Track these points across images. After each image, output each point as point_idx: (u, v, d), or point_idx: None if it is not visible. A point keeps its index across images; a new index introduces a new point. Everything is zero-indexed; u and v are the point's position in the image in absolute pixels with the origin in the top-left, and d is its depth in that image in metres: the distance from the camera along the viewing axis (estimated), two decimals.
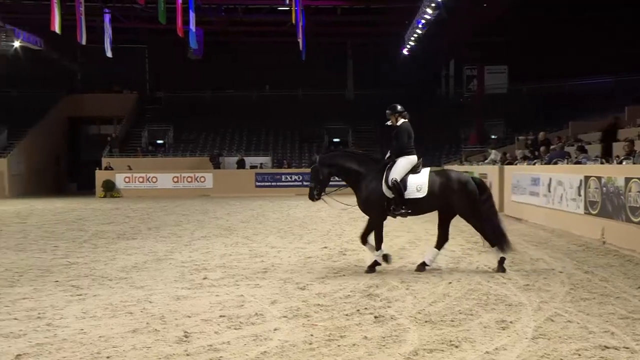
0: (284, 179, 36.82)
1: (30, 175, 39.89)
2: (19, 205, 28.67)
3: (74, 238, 15.24)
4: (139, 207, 26.91)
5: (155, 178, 36.46)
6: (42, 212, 24.50)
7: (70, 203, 30.22)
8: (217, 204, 28.48)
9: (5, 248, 13.43)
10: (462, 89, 46.66)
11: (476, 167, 26.55)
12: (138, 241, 14.54)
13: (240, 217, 20.96)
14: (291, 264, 10.99)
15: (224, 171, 37.83)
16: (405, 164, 9.99)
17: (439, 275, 9.69)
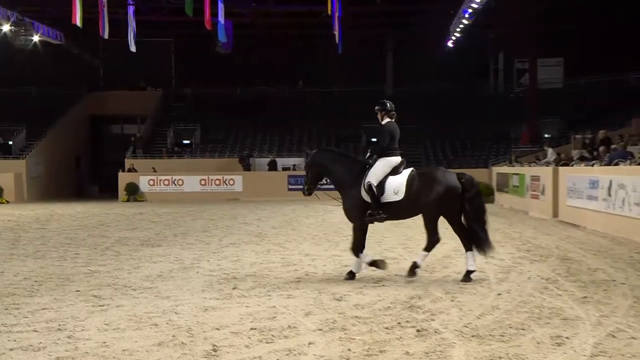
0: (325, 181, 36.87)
1: (50, 177, 40.55)
2: (38, 209, 29.20)
3: (96, 245, 15.46)
4: (164, 211, 27.20)
5: (181, 181, 36.81)
6: (62, 217, 24.90)
7: (92, 207, 30.68)
8: (247, 208, 28.64)
9: (24, 255, 13.67)
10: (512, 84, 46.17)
11: (527, 168, 26.26)
12: (163, 248, 14.69)
13: (271, 223, 21.03)
14: (326, 272, 10.99)
15: (255, 173, 38.03)
16: (384, 165, 10.19)
17: (487, 286, 9.60)
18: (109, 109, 46.81)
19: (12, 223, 22.00)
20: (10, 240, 16.50)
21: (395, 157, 10.28)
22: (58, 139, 41.92)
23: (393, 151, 10.27)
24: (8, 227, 20.55)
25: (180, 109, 46.62)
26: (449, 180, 9.93)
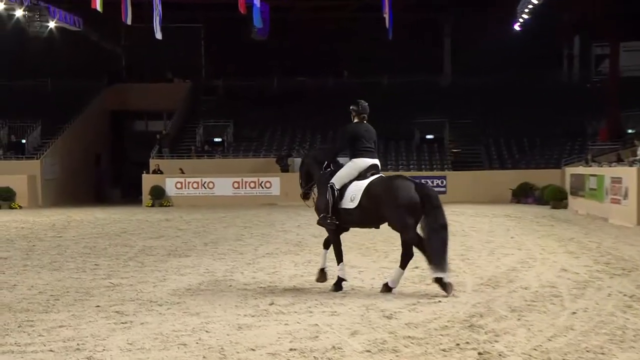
0: None
1: (67, 179, 41.16)
2: (54, 215, 29.69)
3: (118, 255, 15.67)
4: (192, 218, 27.44)
5: (212, 183, 37.13)
6: (80, 223, 25.27)
7: (113, 213, 31.09)
8: (286, 214, 28.76)
9: (39, 267, 13.90)
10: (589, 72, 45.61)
11: (607, 169, 25.83)
12: (192, 259, 14.82)
13: (313, 231, 21.06)
14: (375, 287, 10.97)
15: (294, 175, 37.90)
16: (351, 168, 10.73)
17: (560, 304, 9.48)
18: (132, 103, 47.37)
19: (25, 230, 22.42)
20: (23, 250, 16.81)
21: (363, 160, 10.75)
22: (76, 136, 42.52)
23: (362, 153, 10.74)
24: (21, 235, 20.94)
25: (210, 102, 47.02)
26: (403, 192, 10.18)
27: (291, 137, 43.49)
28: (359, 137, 10.78)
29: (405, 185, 10.30)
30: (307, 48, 47.12)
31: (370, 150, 10.82)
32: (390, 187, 10.31)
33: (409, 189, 10.24)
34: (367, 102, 11.27)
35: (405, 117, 41.95)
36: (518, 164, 38.43)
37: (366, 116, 11.08)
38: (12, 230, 22.69)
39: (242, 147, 42.34)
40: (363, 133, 10.83)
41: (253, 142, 42.71)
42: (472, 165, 38.74)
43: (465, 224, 22.57)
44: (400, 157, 40.75)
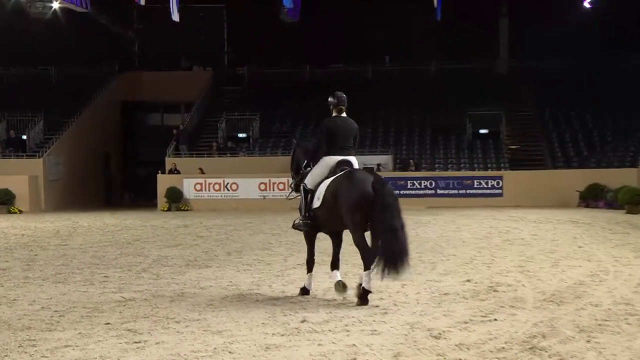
0: (410, 186, 36.80)
1: (73, 180, 41.59)
2: (59, 221, 29.98)
3: (130, 266, 15.81)
4: (214, 223, 27.55)
5: (235, 185, 37.26)
6: (87, 230, 25.54)
7: (125, 218, 31.33)
8: None
9: (42, 279, 14.05)
10: None
11: None
12: (214, 270, 14.90)
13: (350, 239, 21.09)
14: (421, 302, 10.94)
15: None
16: (322, 166, 11.47)
17: (636, 323, 9.37)
18: (146, 93, 47.72)
19: (26, 238, 22.69)
20: (24, 260, 17.00)
21: (332, 157, 11.42)
22: (83, 132, 42.93)
23: (334, 150, 11.42)
24: (22, 243, 21.19)
25: (234, 93, 47.24)
26: (355, 187, 10.70)
27: None
28: (334, 133, 11.46)
29: (361, 178, 10.78)
30: (343, 31, 47.07)
31: (344, 147, 11.46)
32: (346, 181, 10.87)
33: (363, 183, 10.70)
34: (344, 94, 11.96)
35: (455, 108, 41.79)
36: (586, 162, 38.01)
37: (344, 108, 11.76)
38: (11, 237, 22.96)
39: (269, 144, 42.41)
40: (338, 129, 11.50)
41: (282, 138, 42.73)
42: (532, 164, 38.45)
43: (525, 231, 22.43)
44: (449, 155, 40.60)
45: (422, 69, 46.45)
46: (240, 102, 45.64)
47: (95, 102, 44.66)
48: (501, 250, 17.45)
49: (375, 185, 10.69)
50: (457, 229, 23.63)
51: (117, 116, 48.15)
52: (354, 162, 11.54)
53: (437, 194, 36.34)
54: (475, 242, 19.46)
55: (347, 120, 11.72)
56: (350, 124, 11.71)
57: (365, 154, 40.09)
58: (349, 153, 11.53)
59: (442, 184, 36.52)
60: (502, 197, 35.08)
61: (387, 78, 46.98)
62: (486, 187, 35.93)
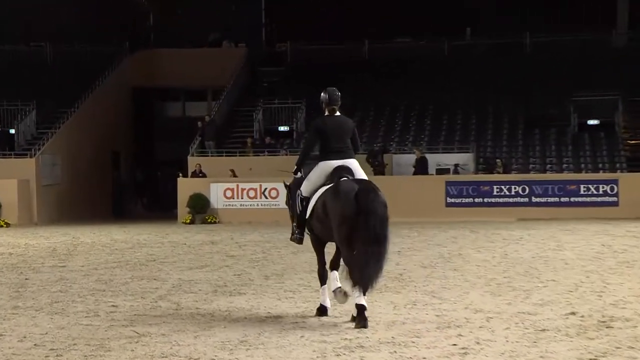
0: (497, 192, 36.57)
1: (73, 186, 41.99)
2: (55, 236, 30.25)
3: (144, 292, 15.87)
4: (248, 240, 27.62)
5: (275, 191, 37.20)
6: (91, 248, 25.70)
7: (137, 233, 31.54)
8: None
9: (34, 309, 14.12)
10: None
11: None
12: (248, 298, 14.91)
13: (419, 258, 21.03)
14: (511, 341, 10.85)
15: (390, 179, 38.04)
16: (318, 173, 12.71)
17: None
18: (164, 77, 48.00)
19: (15, 258, 22.89)
20: (12, 286, 17.11)
21: (328, 163, 12.64)
22: (85, 125, 43.33)
23: (329, 154, 12.65)
24: (9, 264, 21.39)
25: (274, 76, 47.33)
26: (341, 196, 11.90)
27: (388, 124, 43.45)
28: (326, 134, 12.69)
29: (345, 190, 11.94)
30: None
31: (339, 149, 12.70)
32: (331, 194, 12.08)
33: (347, 195, 11.84)
34: (339, 91, 13.15)
35: (557, 93, 41.44)
36: None
37: (337, 107, 12.97)
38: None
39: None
40: (331, 129, 12.71)
41: None
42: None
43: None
44: (549, 152, 40.26)
45: (515, 42, 46.02)
46: (281, 86, 45.76)
47: (100, 89, 45.03)
48: (616, 274, 17.24)
49: (358, 194, 11.80)
50: (558, 247, 23.45)
51: (127, 106, 48.49)
52: (354, 167, 12.74)
53: (531, 202, 36.08)
54: (582, 264, 19.27)
55: (340, 119, 12.96)
56: (343, 122, 12.95)
57: (439, 151, 40.02)
58: (346, 155, 12.74)
59: (538, 190, 36.18)
60: (617, 207, 34.54)
61: (467, 55, 46.74)
62: (596, 193, 35.43)
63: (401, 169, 39.13)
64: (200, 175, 38.79)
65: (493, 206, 36.10)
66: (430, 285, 16.13)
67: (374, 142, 40.98)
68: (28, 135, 41.84)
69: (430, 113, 43.50)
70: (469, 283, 16.49)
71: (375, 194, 12.11)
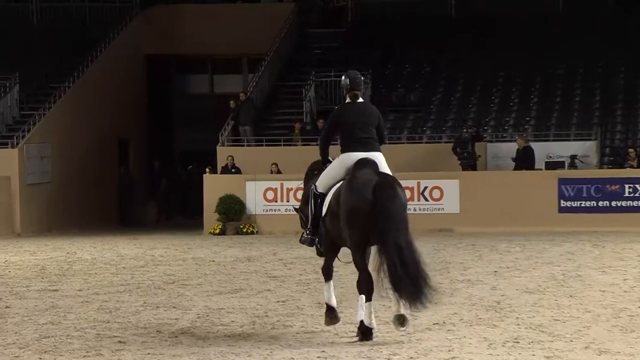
0: (629, 193, 36.26)
1: (67, 184, 42.26)
2: (44, 251, 30.53)
3: (160, 324, 16.00)
4: (296, 255, 27.59)
5: None
6: (91, 266, 25.94)
7: (151, 247, 31.78)
8: (470, 248, 29.09)
9: (18, 346, 14.24)
10: None
11: None
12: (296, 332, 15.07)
13: (523, 281, 21.04)
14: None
15: (486, 175, 38.02)
16: (337, 166, 13.98)
17: None
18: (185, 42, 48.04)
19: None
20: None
21: (350, 155, 13.84)
22: (83, 105, 43.52)
23: (351, 145, 13.87)
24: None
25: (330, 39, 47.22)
26: (353, 191, 13.23)
27: (481, 102, 43.21)
28: (348, 123, 13.93)
29: (362, 182, 13.22)
30: None
31: (364, 140, 13.90)
32: (346, 186, 13.35)
33: (363, 188, 13.13)
34: (359, 74, 14.07)
35: None
36: None
37: (359, 93, 14.23)
38: None
39: (387, 124, 42.27)
40: (353, 117, 13.93)
41: (410, 114, 42.66)
42: None
43: None
44: None
45: None
46: (339, 54, 45.69)
47: (103, 57, 45.10)
48: None
49: (376, 189, 13.02)
50: None
51: (139, 80, 48.59)
52: (380, 160, 13.86)
53: None
54: None
55: (365, 106, 14.31)
56: (368, 109, 14.22)
57: (550, 138, 39.67)
58: (371, 148, 13.90)
59: None
60: None
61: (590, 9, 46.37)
62: None
63: (499, 161, 38.88)
64: (233, 171, 38.77)
65: (624, 211, 35.76)
66: (538, 317, 16.12)
67: (463, 126, 40.72)
68: (8, 118, 41.96)
69: (538, 88, 43.16)
70: (590, 314, 16.46)
71: (394, 191, 13.21)
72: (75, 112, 42.78)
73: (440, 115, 42.62)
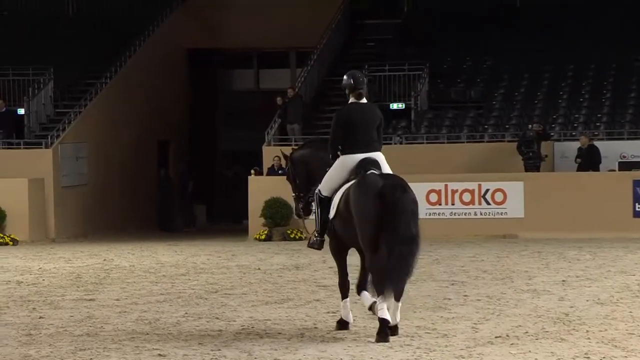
0: None
1: (103, 187, 42.47)
2: (80, 258, 30.70)
3: (202, 336, 16.02)
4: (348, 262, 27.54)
5: None
6: (129, 274, 26.05)
7: (193, 253, 31.87)
8: (536, 256, 28.94)
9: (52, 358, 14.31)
10: None
11: None
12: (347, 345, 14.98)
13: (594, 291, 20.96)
14: None
15: (553, 176, 37.90)
16: (339, 168, 15.28)
17: None
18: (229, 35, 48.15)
19: (25, 289, 23.25)
20: (22, 327, 17.35)
21: (352, 156, 15.14)
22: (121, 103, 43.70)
23: (353, 146, 15.15)
24: (18, 297, 21.73)
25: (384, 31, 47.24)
26: (362, 193, 14.55)
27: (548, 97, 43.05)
28: (350, 124, 15.19)
29: (371, 183, 14.54)
30: None
31: (365, 141, 15.19)
32: (356, 188, 14.61)
33: (372, 189, 14.40)
34: (360, 72, 15.36)
35: None
36: None
37: (363, 92, 15.49)
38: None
39: (445, 121, 42.28)
40: (356, 119, 15.21)
41: (470, 110, 42.58)
42: None
43: None
44: None
45: None
46: (394, 46, 45.69)
47: (142, 52, 45.30)
48: None
49: (384, 190, 14.34)
50: None
51: (180, 75, 48.69)
52: (381, 161, 15.14)
53: None
54: None
55: (368, 107, 15.48)
56: (372, 110, 15.46)
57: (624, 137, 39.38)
58: (373, 149, 15.15)
59: None
60: None
61: None
62: None
63: (568, 162, 38.57)
64: (280, 173, 38.66)
65: None
66: (611, 331, 16.04)
67: (528, 123, 40.53)
68: (42, 116, 42.04)
69: (611, 82, 42.93)
70: None
71: (403, 189, 14.57)
72: (113, 110, 42.94)
73: (503, 112, 42.49)
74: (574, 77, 43.50)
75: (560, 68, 43.78)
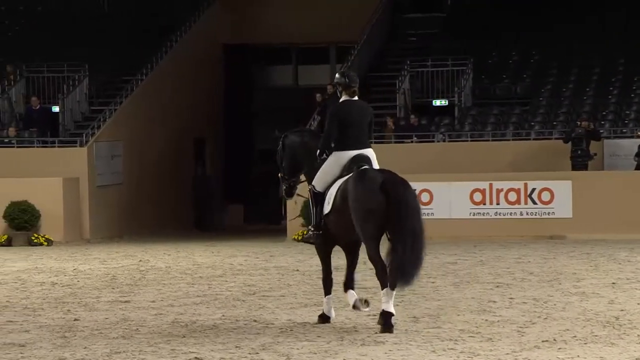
0: None
1: (139, 186, 42.68)
2: (115, 258, 30.86)
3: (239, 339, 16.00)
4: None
5: (428, 193, 37.12)
6: (164, 275, 26.16)
7: (230, 254, 31.96)
8: (585, 257, 28.86)
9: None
10: None
11: None
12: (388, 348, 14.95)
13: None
14: None
15: (604, 175, 37.74)
16: (333, 164, 16.13)
17: None
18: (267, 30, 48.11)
19: (58, 290, 23.39)
20: (57, 329, 17.44)
21: (344, 153, 16.03)
22: (157, 101, 43.88)
23: (345, 143, 16.05)
24: (52, 298, 21.83)
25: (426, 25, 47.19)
26: (364, 188, 15.33)
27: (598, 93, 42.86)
28: (345, 121, 16.10)
29: (372, 178, 15.36)
30: None
31: (357, 138, 16.11)
32: (355, 182, 15.34)
33: (373, 184, 15.22)
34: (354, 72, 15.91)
35: None
36: None
37: (356, 89, 16.50)
38: (33, 288, 23.69)
39: (490, 118, 42.20)
40: (349, 116, 16.16)
41: (515, 107, 42.47)
42: None
43: None
44: None
45: None
46: (437, 41, 45.63)
47: (177, 48, 45.40)
48: None
49: (386, 186, 15.14)
50: None
51: (216, 71, 48.74)
52: (372, 157, 16.06)
53: None
54: None
55: (360, 105, 16.47)
56: (364, 108, 16.49)
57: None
58: (364, 146, 16.12)
59: None
60: None
61: None
62: None
63: (618, 161, 38.38)
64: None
65: None
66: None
67: (576, 120, 40.40)
68: (77, 114, 42.21)
69: None
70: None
71: (404, 184, 15.39)
72: (148, 108, 43.11)
73: (551, 109, 42.37)
74: (625, 72, 43.33)
75: (610, 62, 43.63)
